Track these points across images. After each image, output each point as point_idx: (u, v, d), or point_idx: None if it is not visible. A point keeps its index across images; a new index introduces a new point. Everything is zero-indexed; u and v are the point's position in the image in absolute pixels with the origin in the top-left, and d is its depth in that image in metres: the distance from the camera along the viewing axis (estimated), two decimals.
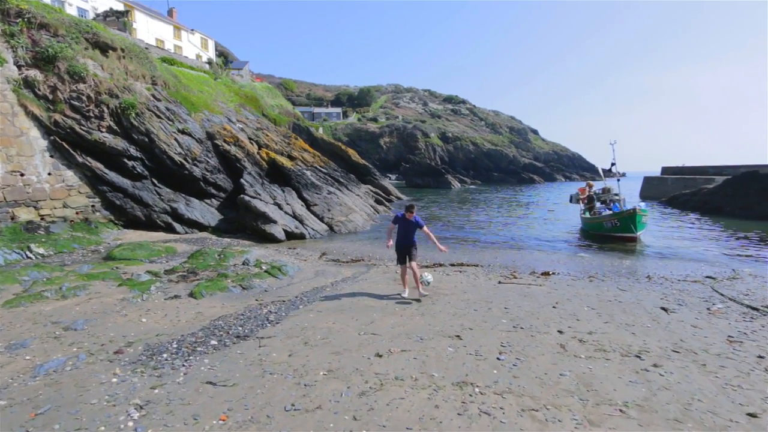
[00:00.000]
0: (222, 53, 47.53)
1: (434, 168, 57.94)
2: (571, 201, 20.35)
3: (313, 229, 15.22)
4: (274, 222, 13.84)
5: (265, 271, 8.01)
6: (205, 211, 14.68)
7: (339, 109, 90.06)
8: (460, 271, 8.80)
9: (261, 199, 14.88)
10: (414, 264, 6.58)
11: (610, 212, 15.76)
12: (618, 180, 16.74)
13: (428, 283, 6.70)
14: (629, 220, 13.93)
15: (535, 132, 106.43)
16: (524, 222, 20.55)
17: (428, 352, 4.06)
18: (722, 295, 6.99)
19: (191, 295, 6.22)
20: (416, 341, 4.38)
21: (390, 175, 59.78)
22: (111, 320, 4.81)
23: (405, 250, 6.62)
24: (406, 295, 6.61)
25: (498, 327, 4.94)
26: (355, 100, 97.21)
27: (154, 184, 14.14)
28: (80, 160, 12.42)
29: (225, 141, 17.36)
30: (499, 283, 7.61)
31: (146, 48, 21.19)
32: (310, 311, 5.55)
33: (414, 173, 57.15)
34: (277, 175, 18.49)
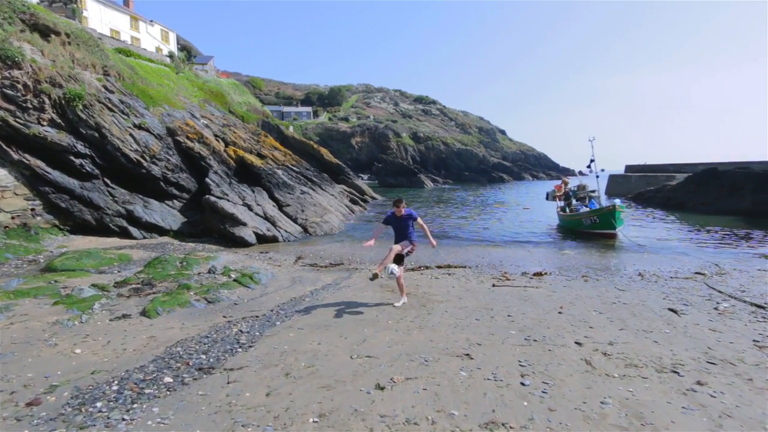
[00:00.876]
0: (185, 47, 45.11)
1: (407, 167, 57.69)
2: (547, 198, 20.32)
3: (287, 231, 14.23)
4: (244, 224, 12.77)
5: (235, 280, 7.06)
6: (166, 214, 13.38)
7: (309, 109, 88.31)
8: (449, 274, 8.19)
9: (229, 200, 13.74)
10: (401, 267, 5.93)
11: (588, 209, 15.73)
12: (597, 176, 16.75)
13: (392, 273, 5.70)
14: (609, 216, 13.86)
15: (502, 132, 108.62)
16: (502, 220, 20.34)
17: (438, 378, 3.36)
18: (720, 292, 6.72)
19: (144, 313, 5.21)
20: (421, 364, 3.67)
21: (362, 175, 58.99)
22: (34, 353, 3.79)
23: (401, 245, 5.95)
24: (399, 304, 5.93)
25: (509, 340, 4.32)
26: (326, 99, 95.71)
27: (107, 185, 12.72)
28: (16, 157, 10.89)
29: (188, 137, 16.03)
30: (494, 286, 7.04)
31: (99, 38, 19.37)
32: (290, 328, 4.72)
33: (387, 173, 56.65)
34: (246, 174, 17.33)
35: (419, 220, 6.03)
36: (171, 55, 30.81)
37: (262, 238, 13.08)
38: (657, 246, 12.77)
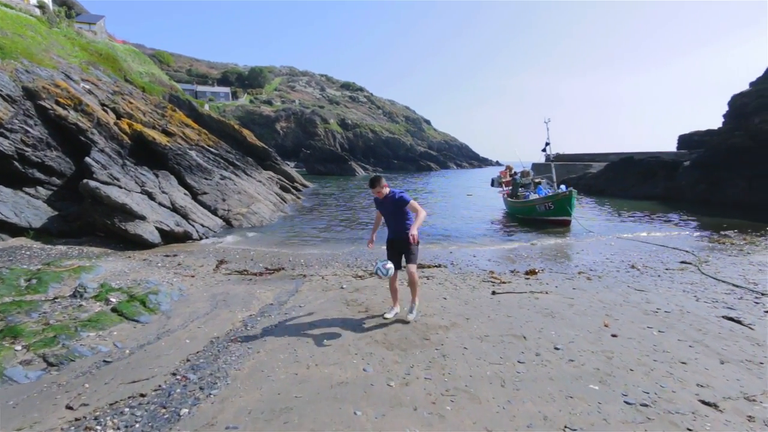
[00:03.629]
0: (64, 2, 36.95)
1: (337, 155, 55.09)
2: (492, 185, 19.69)
3: (203, 226, 11.31)
4: (142, 218, 9.65)
5: (114, 309, 4.44)
6: (23, 206, 9.65)
7: (227, 89, 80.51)
8: (428, 278, 6.38)
9: (120, 186, 10.40)
10: (413, 267, 4.08)
11: (538, 196, 15.13)
12: (551, 160, 16.22)
13: (386, 273, 4.00)
14: (565, 202, 13.27)
15: (428, 122, 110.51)
16: (449, 209, 19.24)
17: None
18: (751, 290, 5.82)
19: None
20: None
21: (290, 163, 54.99)
22: None
23: (399, 246, 4.15)
24: (391, 316, 4.23)
25: (605, 411, 2.60)
26: (246, 80, 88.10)
27: None
28: None
29: (58, 103, 12.04)
30: (494, 294, 5.39)
31: None
32: (211, 429, 2.48)
33: (315, 160, 53.56)
34: (147, 154, 13.73)
35: (413, 204, 4.16)
36: (41, 5, 24.44)
37: (169, 236, 10.08)
38: (605, 230, 12.48)
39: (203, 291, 5.56)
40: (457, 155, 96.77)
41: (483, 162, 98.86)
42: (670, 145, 33.48)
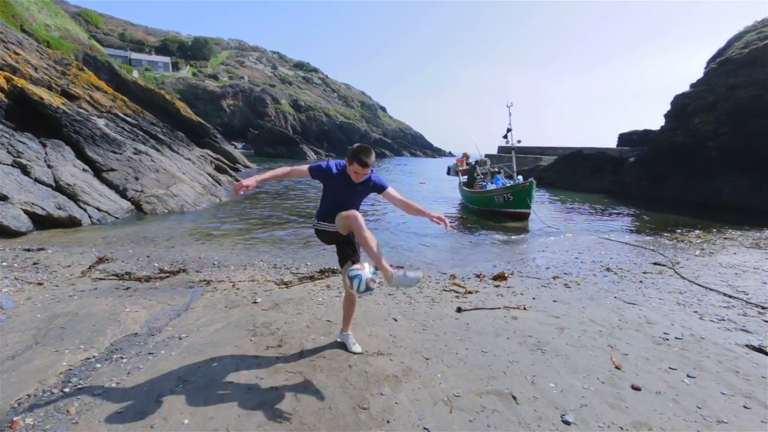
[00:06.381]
0: None
1: (288, 137, 51.94)
2: (449, 173, 18.71)
3: (100, 210, 9.07)
4: (2, 198, 7.31)
5: None
6: None
7: (167, 59, 73.47)
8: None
9: None
10: (354, 211, 2.66)
11: (495, 186, 14.27)
12: (513, 148, 15.34)
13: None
14: (525, 194, 12.44)
15: (383, 109, 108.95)
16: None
17: None
18: (735, 297, 5.06)
19: None
20: None
21: (236, 143, 51.22)
22: None
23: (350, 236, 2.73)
24: (358, 348, 2.99)
25: None
26: (189, 50, 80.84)
27: None
28: None
29: None
30: (459, 311, 4.09)
31: None
32: None
33: (264, 141, 50.20)
34: (36, 119, 10.99)
35: (392, 191, 2.86)
36: None
37: (47, 221, 7.84)
38: (567, 227, 11.84)
39: (40, 310, 3.72)
40: (412, 144, 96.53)
41: (437, 152, 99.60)
42: (607, 143, 34.78)
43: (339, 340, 3.18)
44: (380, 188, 2.79)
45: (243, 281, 4.87)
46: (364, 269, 2.48)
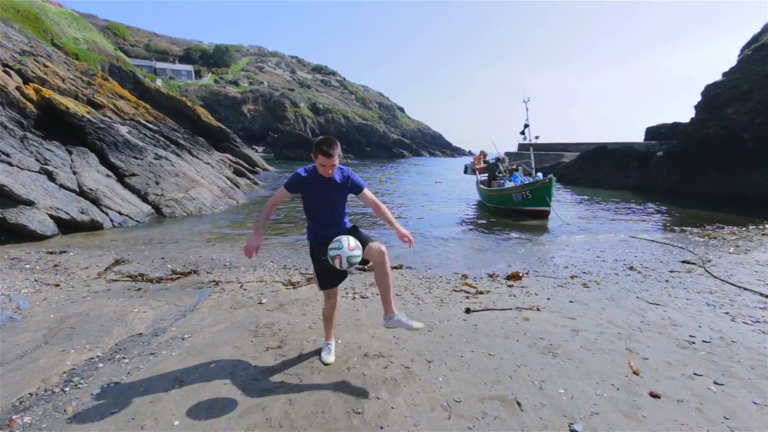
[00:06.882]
0: None
1: (307, 140, 52.58)
2: (465, 172, 18.39)
3: (121, 214, 9.33)
4: (29, 203, 7.60)
5: None
6: None
7: (190, 67, 75.65)
8: None
9: (6, 162, 8.25)
10: (381, 246, 2.56)
11: (514, 184, 13.92)
12: (531, 144, 14.92)
13: (349, 261, 2.41)
14: (544, 191, 12.06)
15: (401, 109, 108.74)
16: (418, 196, 17.83)
17: None
18: None
19: None
20: None
21: (257, 148, 52.26)
22: None
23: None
24: (331, 359, 2.78)
25: None
26: (210, 58, 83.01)
27: None
28: None
29: None
30: (468, 312, 3.94)
31: None
32: None
33: (283, 144, 51.14)
34: (63, 128, 11.46)
35: (368, 193, 2.71)
36: None
37: (71, 225, 8.12)
38: (590, 225, 11.40)
39: (54, 310, 3.81)
40: (431, 143, 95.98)
41: (455, 151, 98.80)
42: (634, 137, 33.51)
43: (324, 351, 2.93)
44: (358, 189, 2.69)
45: (251, 282, 4.87)
46: (344, 246, 2.39)
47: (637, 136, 32.34)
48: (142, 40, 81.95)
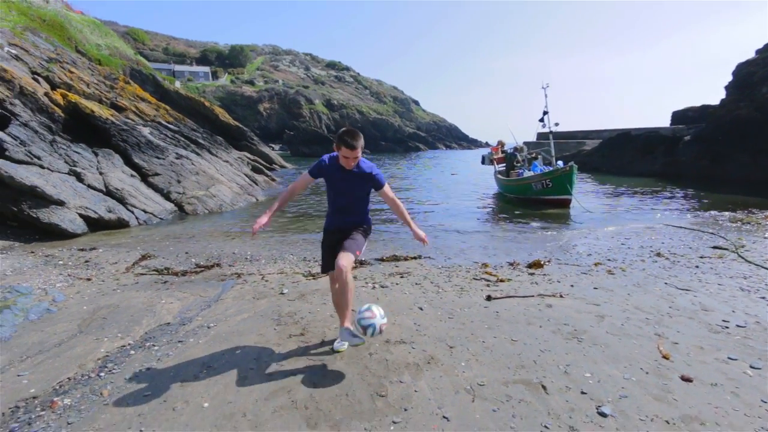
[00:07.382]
0: None
1: (322, 136, 52.94)
2: (483, 162, 18.13)
3: (146, 212, 9.62)
4: (60, 203, 7.92)
5: None
6: None
7: (207, 69, 76.88)
8: (401, 274, 4.88)
9: (38, 165, 8.61)
10: (345, 259, 2.53)
11: (532, 173, 13.64)
12: (551, 132, 14.59)
13: (374, 332, 2.49)
14: (564, 179, 11.78)
15: (416, 103, 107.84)
16: (434, 189, 17.71)
17: None
18: None
19: None
20: None
21: (273, 145, 52.80)
22: None
23: (342, 235, 2.70)
24: (342, 346, 2.81)
25: None
26: (226, 59, 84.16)
27: None
28: None
29: None
30: (489, 300, 3.91)
31: None
32: None
33: (300, 142, 51.57)
34: (89, 130, 11.85)
35: (388, 190, 2.71)
36: None
37: (99, 224, 8.42)
38: (614, 213, 11.09)
39: (87, 302, 3.97)
40: (446, 136, 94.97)
41: (472, 143, 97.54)
42: (659, 123, 32.31)
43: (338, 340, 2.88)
44: (378, 185, 2.68)
45: (272, 274, 4.95)
46: (376, 316, 2.50)
47: (662, 122, 31.16)
48: (160, 44, 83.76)
